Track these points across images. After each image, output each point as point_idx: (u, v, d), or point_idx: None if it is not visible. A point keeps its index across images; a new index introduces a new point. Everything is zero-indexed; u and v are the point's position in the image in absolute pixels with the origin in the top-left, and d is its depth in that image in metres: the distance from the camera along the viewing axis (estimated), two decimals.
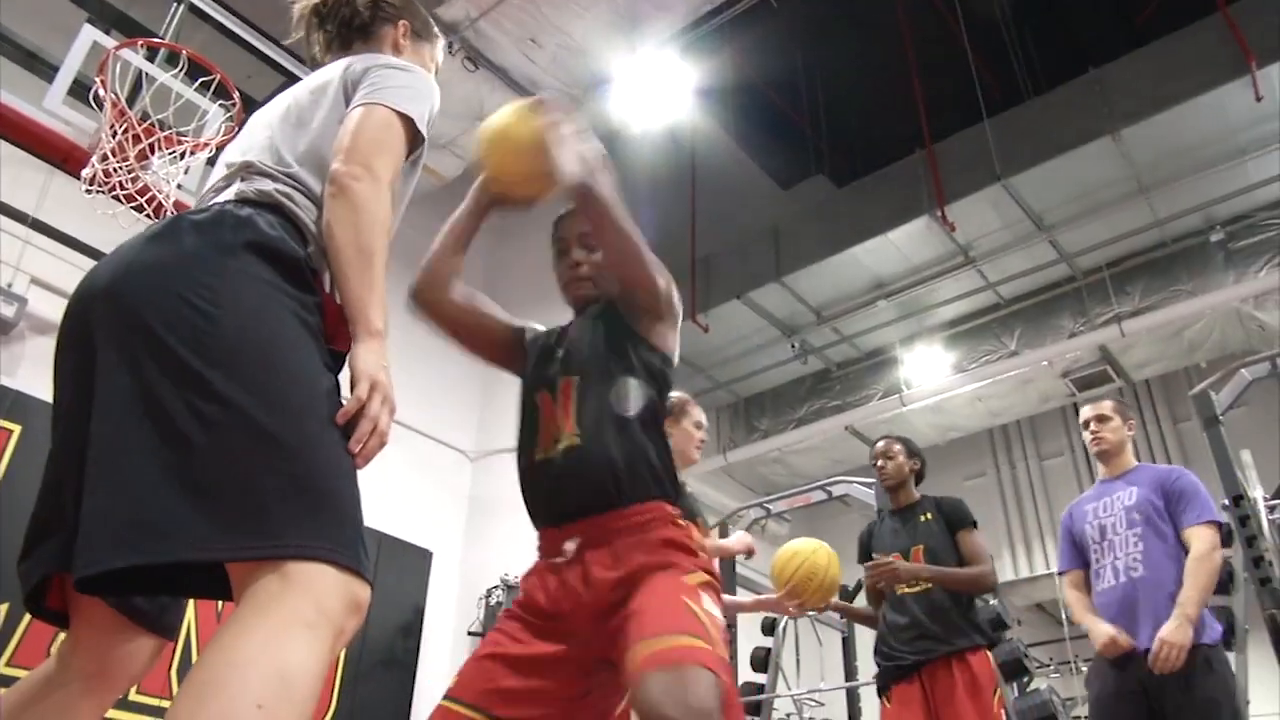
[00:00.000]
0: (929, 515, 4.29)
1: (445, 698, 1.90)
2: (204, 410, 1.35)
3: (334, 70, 1.86)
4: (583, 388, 2.08)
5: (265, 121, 1.84)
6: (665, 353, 2.18)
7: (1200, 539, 3.67)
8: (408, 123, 1.75)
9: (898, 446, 4.49)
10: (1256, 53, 8.29)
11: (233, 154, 1.80)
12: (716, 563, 2.46)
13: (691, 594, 1.83)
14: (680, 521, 2.02)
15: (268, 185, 1.66)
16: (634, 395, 2.06)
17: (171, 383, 1.36)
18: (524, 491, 2.13)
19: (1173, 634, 3.42)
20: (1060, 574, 4.27)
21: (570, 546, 1.98)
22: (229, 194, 1.66)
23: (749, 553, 4.14)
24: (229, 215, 1.57)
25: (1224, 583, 5.99)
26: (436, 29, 2.26)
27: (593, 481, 1.98)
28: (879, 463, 4.48)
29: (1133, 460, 4.17)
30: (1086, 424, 4.22)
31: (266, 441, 1.37)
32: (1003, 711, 3.81)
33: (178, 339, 1.39)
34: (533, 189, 2.11)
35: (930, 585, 4.05)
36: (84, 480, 1.37)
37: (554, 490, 2.05)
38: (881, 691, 4.09)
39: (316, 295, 1.58)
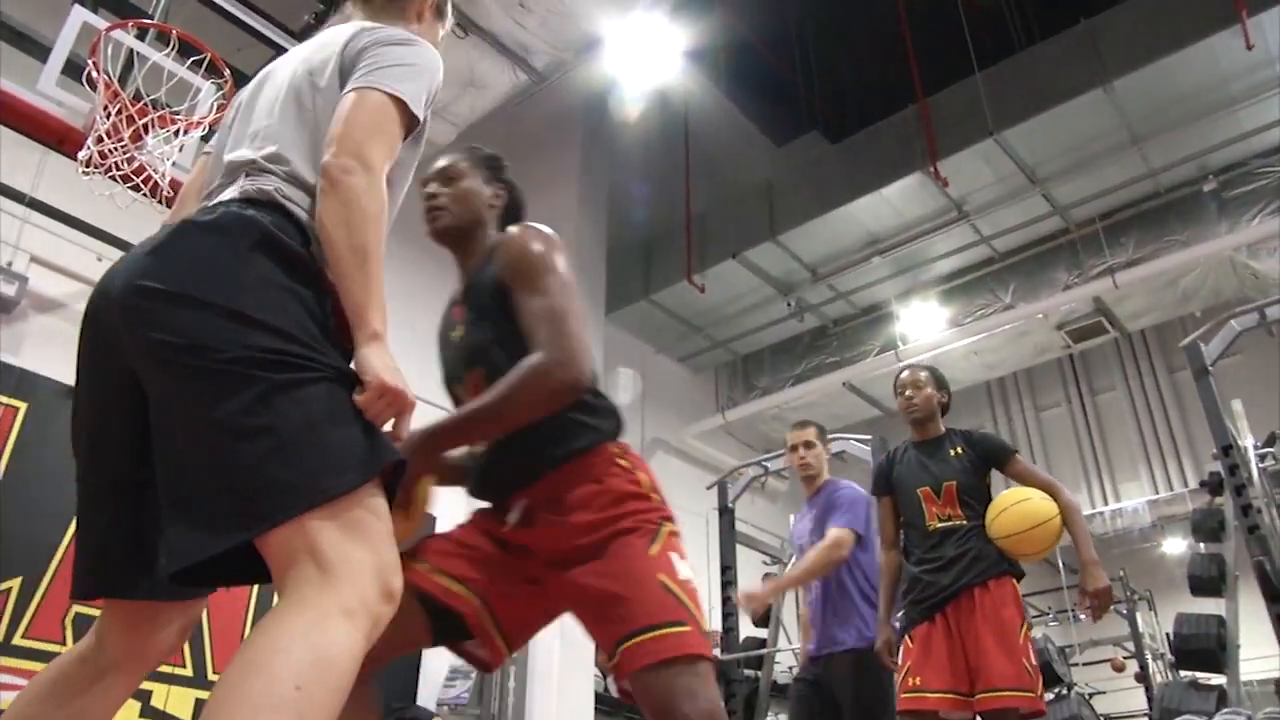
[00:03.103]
0: (959, 450, 4.05)
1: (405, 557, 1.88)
2: (247, 396, 1.42)
3: (334, 45, 1.82)
4: (489, 377, 1.96)
5: (266, 107, 1.81)
6: None
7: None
8: (402, 105, 1.71)
9: (924, 375, 4.22)
10: (1247, 0, 8.28)
11: (237, 143, 1.79)
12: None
13: (663, 565, 1.86)
14: (622, 461, 2.01)
15: (269, 184, 1.66)
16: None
17: (206, 387, 1.43)
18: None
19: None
20: None
21: (514, 516, 2.00)
22: (233, 192, 1.66)
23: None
24: (236, 218, 1.58)
25: (1215, 530, 6.11)
26: (450, 9, 2.23)
27: (521, 465, 1.99)
28: (907, 393, 4.18)
29: None
30: (795, 447, 4.63)
31: (303, 417, 1.45)
32: (1029, 645, 3.67)
33: (205, 347, 1.44)
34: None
35: (964, 520, 3.89)
36: (140, 492, 1.50)
37: (486, 475, 2.07)
38: (904, 633, 3.93)
39: (326, 293, 1.59)
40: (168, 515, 1.44)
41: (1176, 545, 13.66)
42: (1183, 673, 6.41)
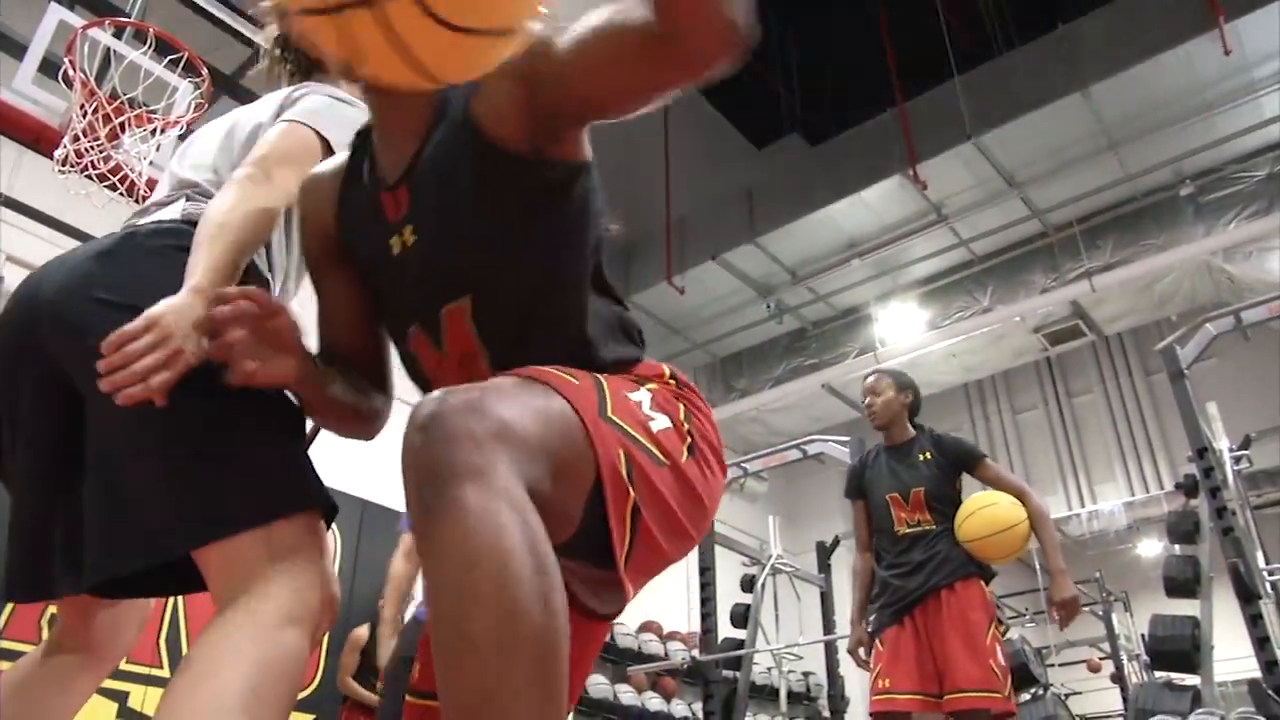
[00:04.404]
0: (928, 454, 4.08)
1: (407, 694, 1.49)
2: (185, 416, 1.42)
3: (276, 98, 1.89)
4: (477, 312, 1.35)
5: (209, 141, 1.87)
6: (572, 161, 1.36)
7: None
8: (327, 146, 1.74)
9: (886, 381, 4.27)
10: (1224, 6, 8.34)
11: (181, 167, 1.83)
12: None
13: (612, 383, 1.27)
14: (670, 382, 1.42)
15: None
16: (553, 289, 1.36)
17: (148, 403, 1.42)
18: None
19: None
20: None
21: None
22: (174, 211, 1.70)
23: None
24: (178, 234, 1.61)
25: (1190, 532, 6.13)
26: None
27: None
28: (867, 400, 4.27)
29: None
30: None
31: (240, 441, 1.45)
32: (997, 645, 3.70)
33: None
34: None
35: (933, 525, 3.93)
36: (82, 495, 1.47)
37: None
38: (874, 637, 3.99)
39: None
40: (95, 523, 1.44)
41: (1152, 547, 13.76)
42: (1158, 673, 6.45)
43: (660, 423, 1.26)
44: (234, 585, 1.37)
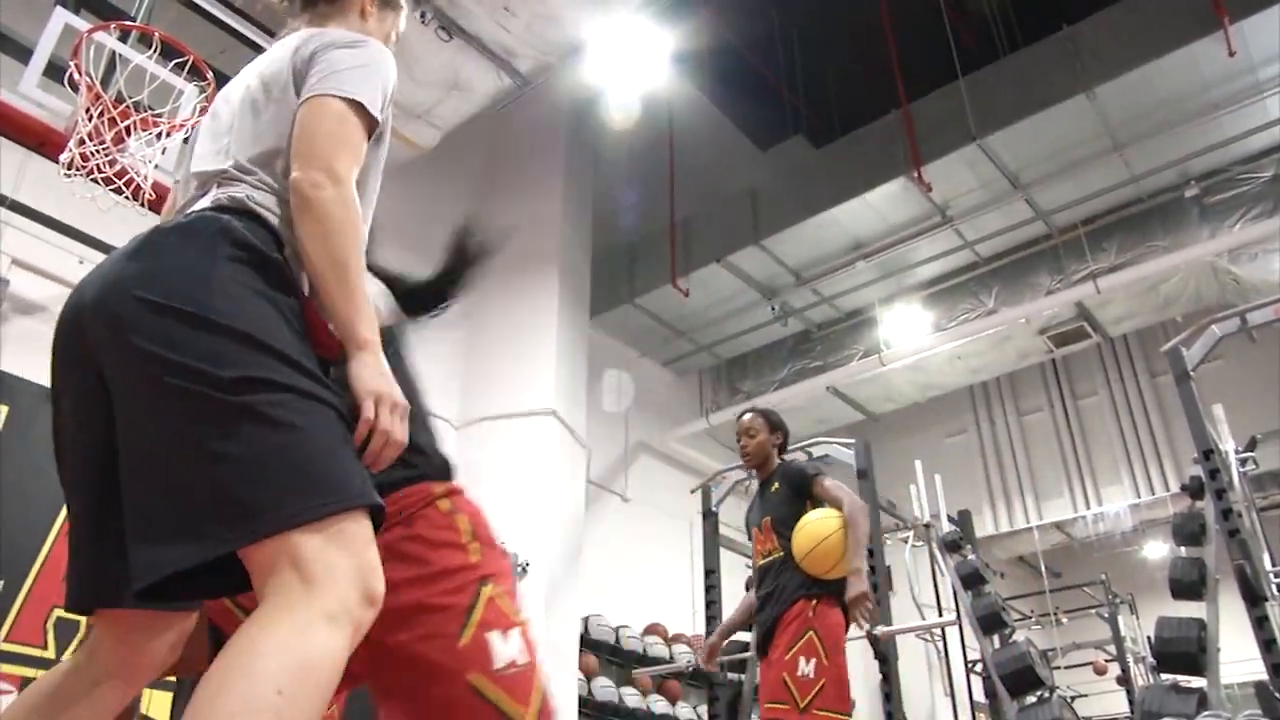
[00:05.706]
0: (776, 485, 4.40)
1: None
2: (220, 415, 1.40)
3: (284, 51, 1.82)
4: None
5: (226, 123, 1.82)
6: None
7: None
8: (361, 109, 1.71)
9: (760, 421, 4.53)
10: (1229, 7, 8.32)
11: (204, 150, 1.79)
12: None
13: (475, 658, 1.71)
14: (442, 503, 1.87)
15: (240, 191, 1.66)
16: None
17: (184, 395, 1.41)
18: None
19: None
20: None
21: None
22: (206, 202, 1.66)
23: None
24: (209, 223, 1.57)
25: (1195, 534, 6.13)
26: None
27: None
28: (741, 441, 4.53)
29: None
30: None
31: (278, 439, 1.42)
32: (800, 659, 3.90)
33: (180, 354, 1.42)
34: None
35: (780, 552, 4.20)
36: (122, 502, 1.45)
37: None
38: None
39: (297, 299, 1.58)
40: (132, 528, 1.42)
41: (1158, 549, 13.75)
42: (1164, 675, 6.43)
43: (516, 655, 1.72)
44: (275, 580, 1.36)
